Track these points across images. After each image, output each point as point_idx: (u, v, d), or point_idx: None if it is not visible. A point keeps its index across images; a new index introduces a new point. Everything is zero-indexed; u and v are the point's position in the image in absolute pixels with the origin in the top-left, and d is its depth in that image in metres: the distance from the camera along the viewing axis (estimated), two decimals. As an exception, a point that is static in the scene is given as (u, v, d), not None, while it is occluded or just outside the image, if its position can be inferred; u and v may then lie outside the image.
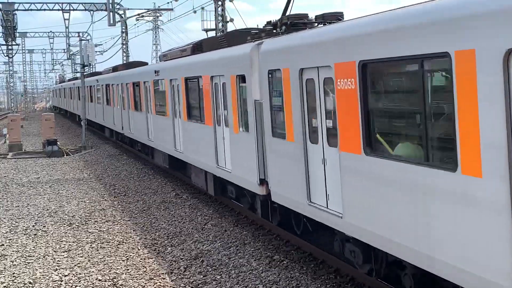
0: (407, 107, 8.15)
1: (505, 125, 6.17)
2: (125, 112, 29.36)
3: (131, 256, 13.28)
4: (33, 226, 16.53)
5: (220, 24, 34.67)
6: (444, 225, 7.17)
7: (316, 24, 12.28)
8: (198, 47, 18.52)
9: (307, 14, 12.93)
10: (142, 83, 24.78)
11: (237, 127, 13.94)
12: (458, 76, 6.76)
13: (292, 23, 12.66)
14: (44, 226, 16.43)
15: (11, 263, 13.12)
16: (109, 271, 12.32)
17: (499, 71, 6.18)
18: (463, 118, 6.72)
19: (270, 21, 13.74)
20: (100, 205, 19.07)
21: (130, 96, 27.42)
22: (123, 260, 13.01)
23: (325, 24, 11.84)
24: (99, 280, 11.78)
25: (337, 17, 12.05)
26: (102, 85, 36.75)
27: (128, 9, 60.63)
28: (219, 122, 15.45)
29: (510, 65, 6.17)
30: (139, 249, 13.84)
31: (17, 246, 14.52)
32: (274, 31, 13.27)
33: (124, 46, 54.23)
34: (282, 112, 11.56)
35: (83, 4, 45.09)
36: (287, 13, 13.09)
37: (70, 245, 14.43)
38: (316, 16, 12.47)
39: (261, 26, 15.61)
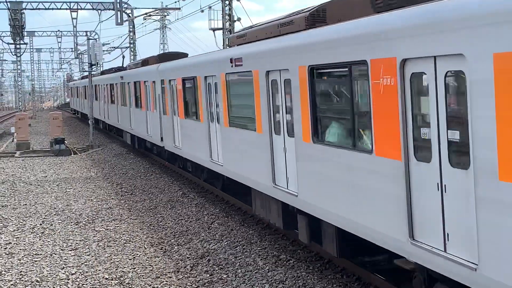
0: (339, 106, 10.10)
1: (402, 121, 7.97)
2: (166, 118, 22.29)
3: (138, 255, 13.31)
4: (41, 224, 16.59)
5: (228, 24, 34.68)
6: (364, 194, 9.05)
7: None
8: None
9: (123, 66, 28.14)
10: (202, 80, 17.15)
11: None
12: (372, 80, 8.53)
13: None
14: (51, 225, 16.49)
15: (19, 261, 13.17)
16: (116, 269, 12.35)
17: (395, 76, 8.05)
18: (377, 116, 8.58)
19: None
20: (107, 203, 19.11)
21: (178, 98, 20.16)
22: (129, 259, 13.04)
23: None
24: (106, 278, 11.81)
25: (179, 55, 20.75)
26: (128, 82, 30.10)
27: (136, 8, 60.78)
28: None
29: (405, 72, 7.82)
30: (145, 248, 13.87)
31: (25, 244, 14.58)
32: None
33: (132, 45, 54.32)
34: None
35: (91, 3, 45.18)
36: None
37: (77, 243, 14.48)
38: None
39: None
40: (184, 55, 25.61)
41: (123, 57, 52.25)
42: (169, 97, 21.13)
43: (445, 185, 7.27)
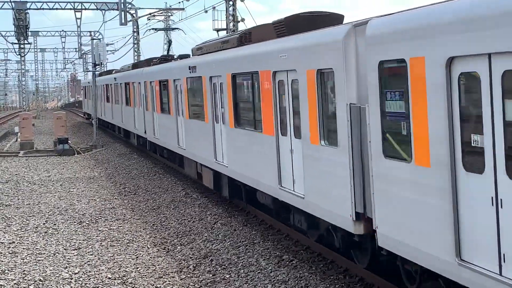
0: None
1: (317, 115, 10.51)
2: (206, 127, 17.36)
3: (141, 255, 13.32)
4: (44, 224, 16.62)
5: (231, 24, 34.70)
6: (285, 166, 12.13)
7: None
8: None
9: (173, 55, 27.88)
10: (270, 77, 12.52)
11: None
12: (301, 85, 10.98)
13: (162, 59, 27.02)
14: (54, 224, 16.52)
15: (22, 260, 13.20)
16: (119, 269, 12.37)
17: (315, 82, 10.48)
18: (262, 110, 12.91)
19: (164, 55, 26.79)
20: (110, 203, 19.14)
21: (227, 103, 15.36)
22: (132, 259, 13.05)
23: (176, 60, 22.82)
24: (109, 278, 11.82)
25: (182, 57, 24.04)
26: (150, 82, 25.34)
27: (140, 8, 60.76)
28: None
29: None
30: (148, 248, 13.88)
31: (28, 243, 14.60)
32: None
33: (136, 46, 54.39)
34: None
35: (95, 4, 45.25)
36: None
37: (80, 243, 14.50)
38: (178, 55, 26.12)
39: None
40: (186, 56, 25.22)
41: (169, 42, 36.06)
42: (220, 100, 16.41)
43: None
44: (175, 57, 27.14)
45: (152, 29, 35.55)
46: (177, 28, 35.74)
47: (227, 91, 15.29)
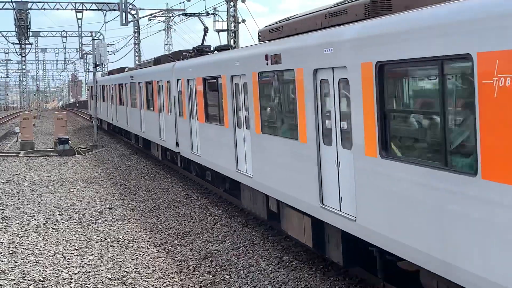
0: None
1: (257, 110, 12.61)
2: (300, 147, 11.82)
3: (141, 255, 13.33)
4: (44, 224, 16.62)
5: (232, 25, 34.71)
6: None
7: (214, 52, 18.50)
8: None
9: (210, 46, 21.99)
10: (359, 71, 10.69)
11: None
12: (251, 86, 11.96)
13: (198, 51, 21.51)
14: (54, 224, 16.52)
15: (22, 260, 13.20)
16: (119, 269, 12.37)
17: (311, 82, 10.43)
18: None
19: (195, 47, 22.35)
20: (111, 204, 19.15)
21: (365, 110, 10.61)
22: (132, 259, 13.06)
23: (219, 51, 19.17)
24: (109, 278, 11.83)
25: (223, 48, 19.31)
26: (187, 80, 19.32)
27: (141, 9, 60.78)
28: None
29: (317, 79, 10.10)
30: (148, 248, 13.89)
31: (28, 243, 14.61)
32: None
33: (136, 46, 54.40)
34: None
35: (96, 4, 45.29)
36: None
37: (80, 243, 14.51)
38: (215, 47, 20.89)
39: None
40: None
41: (206, 30, 24.60)
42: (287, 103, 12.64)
43: (339, 162, 8.09)
44: (211, 48, 21.49)
45: (184, 14, 31.92)
46: (214, 13, 34.06)
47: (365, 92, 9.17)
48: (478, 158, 6.63)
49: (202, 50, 21.47)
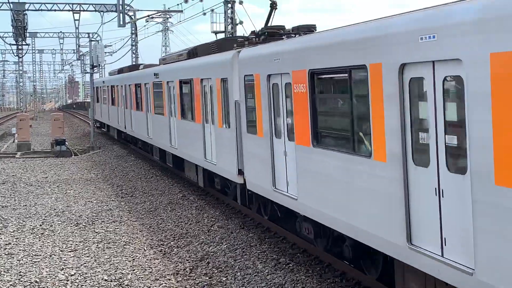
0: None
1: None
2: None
3: (137, 257, 13.30)
4: (40, 225, 16.58)
5: (230, 27, 34.71)
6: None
7: (293, 35, 13.80)
8: None
9: (283, 26, 14.97)
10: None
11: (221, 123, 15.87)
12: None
13: (270, 34, 14.61)
14: (51, 226, 16.48)
15: (18, 261, 13.16)
16: (115, 271, 12.34)
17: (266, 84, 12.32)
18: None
19: (254, 31, 16.30)
20: (107, 205, 19.11)
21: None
22: (129, 261, 13.03)
23: (300, 34, 13.29)
24: (105, 280, 11.80)
25: (309, 29, 13.74)
26: (269, 76, 12.74)
27: (138, 10, 60.84)
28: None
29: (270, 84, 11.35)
30: (145, 250, 13.86)
31: (24, 245, 14.57)
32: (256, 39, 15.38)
33: (134, 47, 54.37)
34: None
35: (93, 5, 45.24)
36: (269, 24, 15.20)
37: (76, 244, 14.47)
38: (292, 28, 14.41)
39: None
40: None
41: (273, 5, 14.90)
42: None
43: (286, 152, 9.71)
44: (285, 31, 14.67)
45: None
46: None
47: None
48: (371, 145, 8.63)
49: (274, 32, 14.65)
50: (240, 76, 14.23)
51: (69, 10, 46.07)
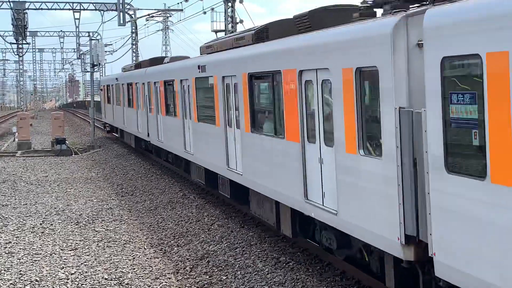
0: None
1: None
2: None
3: (138, 256, 13.31)
4: (41, 224, 16.59)
5: (230, 26, 34.72)
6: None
7: None
8: None
9: None
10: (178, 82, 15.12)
11: None
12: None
13: None
14: (51, 225, 16.49)
15: (18, 260, 13.18)
16: (115, 270, 12.35)
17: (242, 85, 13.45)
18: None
19: None
20: (108, 204, 19.12)
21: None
22: (129, 259, 13.04)
23: None
24: (105, 279, 11.81)
25: None
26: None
27: (138, 9, 60.77)
28: None
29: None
30: (145, 249, 13.87)
31: (24, 243, 14.58)
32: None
33: (134, 46, 54.38)
34: None
35: (94, 4, 45.26)
36: None
37: (77, 243, 14.48)
38: None
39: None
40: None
41: None
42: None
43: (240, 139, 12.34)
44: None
45: None
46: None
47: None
48: (284, 129, 11.61)
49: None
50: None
51: (69, 9, 46.09)
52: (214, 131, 15.97)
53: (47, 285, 11.54)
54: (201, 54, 18.71)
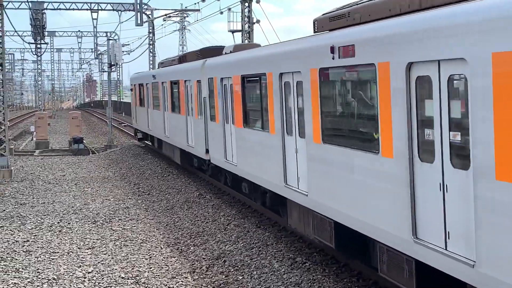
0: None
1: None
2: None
3: (154, 255, 13.35)
4: (58, 223, 16.69)
5: (247, 26, 34.71)
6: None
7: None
8: None
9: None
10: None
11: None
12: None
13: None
14: (68, 223, 16.59)
15: (36, 258, 13.26)
16: (132, 269, 12.39)
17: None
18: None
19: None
20: (124, 203, 19.20)
21: None
22: (146, 259, 13.08)
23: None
24: (122, 277, 11.85)
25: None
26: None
27: (156, 9, 60.93)
28: None
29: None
30: (162, 248, 13.91)
31: (42, 242, 14.68)
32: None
33: (151, 46, 54.54)
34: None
35: (111, 4, 45.44)
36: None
37: (94, 242, 14.55)
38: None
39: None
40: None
41: None
42: None
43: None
44: None
45: None
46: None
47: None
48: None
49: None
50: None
51: (87, 9, 46.32)
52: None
53: (65, 284, 11.60)
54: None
